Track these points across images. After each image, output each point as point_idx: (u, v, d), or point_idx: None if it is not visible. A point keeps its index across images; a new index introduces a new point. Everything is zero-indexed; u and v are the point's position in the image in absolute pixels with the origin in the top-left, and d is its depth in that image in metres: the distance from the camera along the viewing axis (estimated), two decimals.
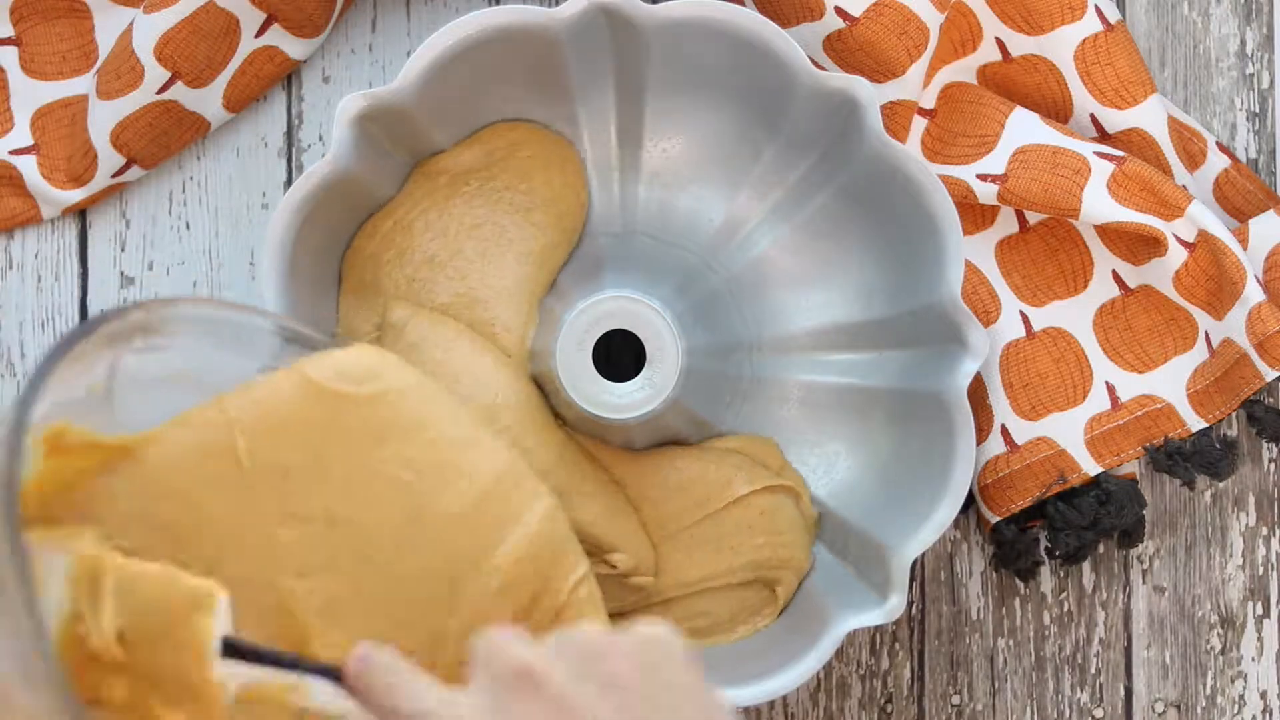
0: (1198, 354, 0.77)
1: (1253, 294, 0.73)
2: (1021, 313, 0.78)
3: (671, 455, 0.75)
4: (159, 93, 0.76)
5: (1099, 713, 0.80)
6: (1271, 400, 0.79)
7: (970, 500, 0.78)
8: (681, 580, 0.75)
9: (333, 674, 0.52)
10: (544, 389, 0.74)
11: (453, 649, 0.59)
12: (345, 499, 0.58)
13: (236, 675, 0.53)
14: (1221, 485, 0.80)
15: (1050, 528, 0.77)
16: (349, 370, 0.60)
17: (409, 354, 0.72)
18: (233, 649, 0.53)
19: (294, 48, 0.78)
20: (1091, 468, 0.77)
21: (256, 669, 0.53)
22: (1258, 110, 0.80)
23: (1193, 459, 0.77)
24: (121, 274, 0.80)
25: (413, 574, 0.58)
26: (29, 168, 0.78)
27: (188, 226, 0.80)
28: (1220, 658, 0.80)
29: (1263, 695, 0.79)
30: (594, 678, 0.50)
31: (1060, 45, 0.76)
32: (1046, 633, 0.80)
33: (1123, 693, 0.80)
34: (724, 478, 0.75)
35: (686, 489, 0.75)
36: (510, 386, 0.73)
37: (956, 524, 0.80)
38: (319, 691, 0.54)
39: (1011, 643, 0.80)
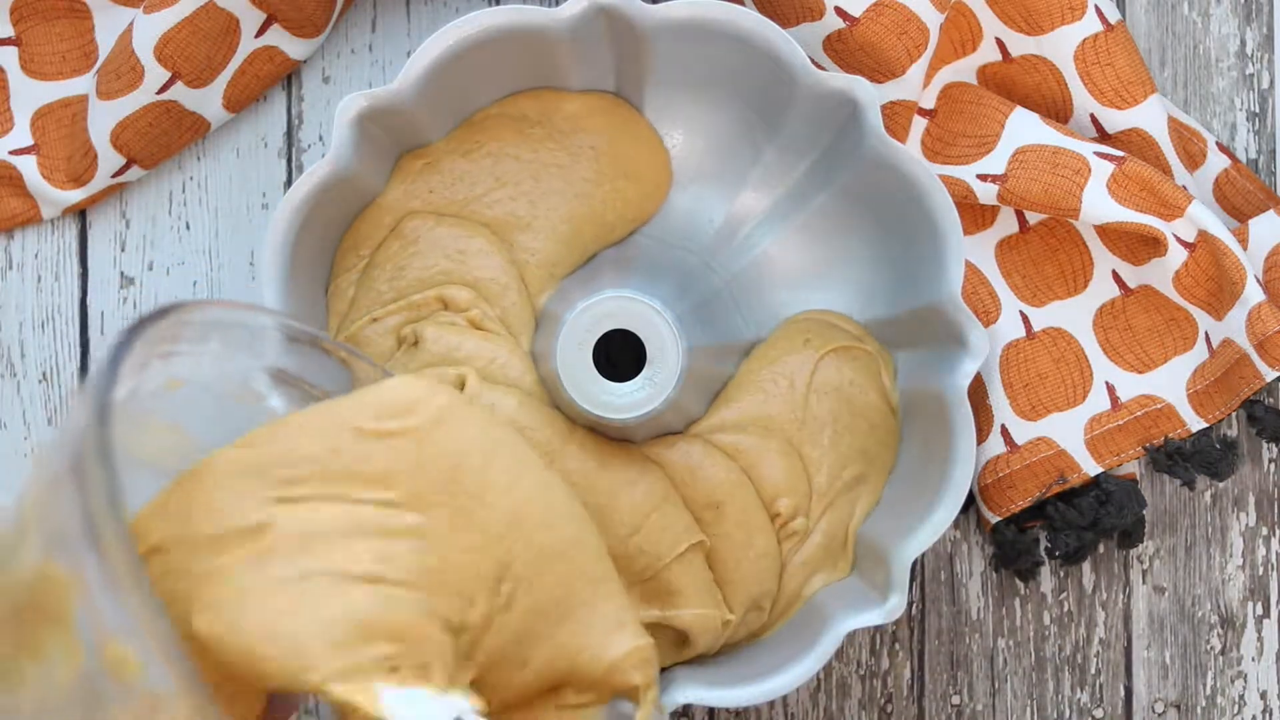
0: (1198, 354, 0.77)
1: (1253, 294, 0.73)
2: (1021, 313, 0.78)
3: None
4: (159, 93, 0.76)
5: (1099, 713, 0.80)
6: (1271, 400, 0.79)
7: (970, 500, 0.78)
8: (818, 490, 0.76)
9: None
10: (545, 389, 0.74)
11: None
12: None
13: None
14: (1221, 485, 0.80)
15: (1050, 528, 0.77)
16: (389, 407, 0.60)
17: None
18: None
19: (294, 48, 0.78)
20: (1091, 468, 0.77)
21: None
22: (1258, 110, 0.80)
23: (1193, 459, 0.77)
24: (121, 274, 0.80)
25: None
26: (29, 168, 0.78)
27: (188, 226, 0.80)
28: (1220, 658, 0.80)
29: (1263, 695, 0.79)
30: None
31: (1060, 45, 0.76)
32: (1046, 633, 0.80)
33: (1123, 693, 0.80)
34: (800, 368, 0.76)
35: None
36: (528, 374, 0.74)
37: (956, 524, 0.80)
38: None
39: (1011, 643, 0.80)
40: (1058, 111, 0.77)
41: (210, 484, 0.56)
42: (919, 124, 0.77)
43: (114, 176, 0.78)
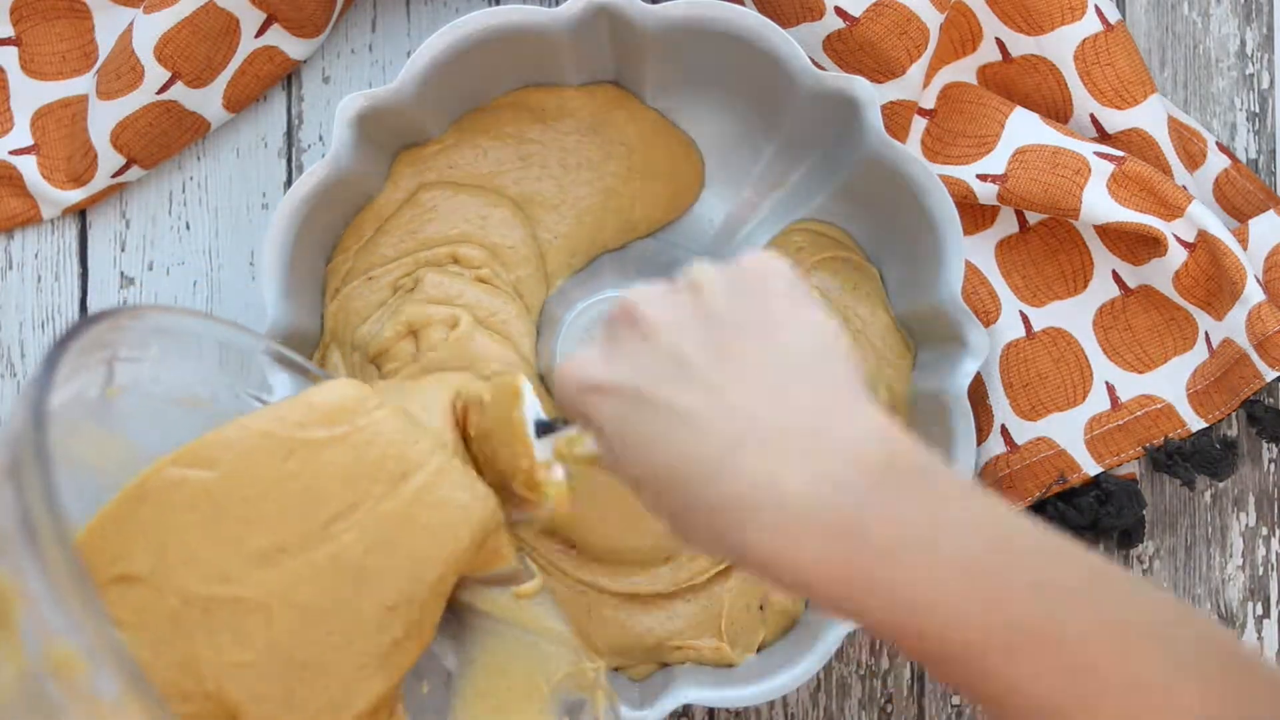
0: (1198, 354, 0.77)
1: (1253, 294, 0.73)
2: (1021, 313, 0.78)
3: None
4: (159, 93, 0.76)
5: None
6: (1271, 400, 0.79)
7: None
8: None
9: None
10: (546, 389, 0.74)
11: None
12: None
13: (547, 446, 0.61)
14: (1221, 485, 0.80)
15: None
16: (320, 412, 0.61)
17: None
18: (541, 427, 0.61)
19: (294, 48, 0.78)
20: (1091, 468, 0.77)
21: (557, 433, 0.61)
22: (1258, 110, 0.80)
23: (1193, 459, 0.77)
24: (121, 274, 0.80)
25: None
26: (29, 168, 0.78)
27: (188, 226, 0.80)
28: None
29: None
30: (743, 292, 0.52)
31: (1060, 45, 0.76)
32: None
33: None
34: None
35: None
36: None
37: None
38: (588, 440, 0.59)
39: None
40: (1058, 111, 0.77)
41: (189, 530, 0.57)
42: (919, 124, 0.77)
43: (114, 176, 0.78)
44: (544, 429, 0.61)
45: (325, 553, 0.59)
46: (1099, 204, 0.74)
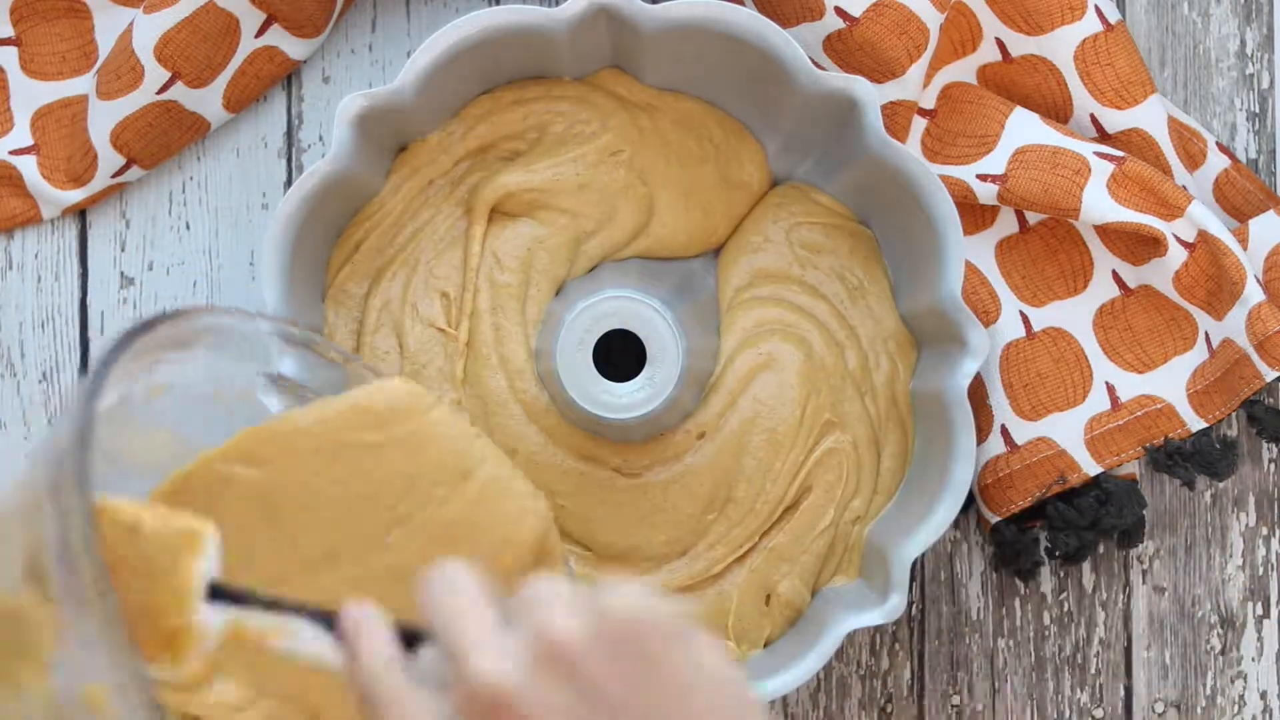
0: (1198, 354, 0.77)
1: (1253, 294, 0.73)
2: (1021, 313, 0.78)
3: None
4: (159, 93, 0.76)
5: (1099, 713, 0.80)
6: (1271, 400, 0.79)
7: (970, 500, 0.78)
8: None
9: (325, 620, 0.51)
10: (545, 388, 0.74)
11: None
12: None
13: (220, 618, 0.52)
14: (1221, 485, 0.80)
15: (1050, 528, 0.77)
16: (371, 411, 0.60)
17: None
18: (221, 593, 0.52)
19: (294, 48, 0.78)
20: (1091, 468, 0.77)
21: (247, 612, 0.52)
22: (1258, 110, 0.80)
23: (1193, 459, 0.77)
24: (121, 274, 0.80)
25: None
26: (29, 168, 0.78)
27: (188, 226, 0.80)
28: (1220, 658, 0.80)
29: (1263, 695, 0.79)
30: (630, 658, 0.46)
31: (1060, 45, 0.76)
32: (1046, 633, 0.80)
33: (1123, 693, 0.80)
34: None
35: None
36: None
37: (956, 524, 0.80)
38: (305, 634, 0.52)
39: (1011, 643, 0.80)
40: (1058, 111, 0.77)
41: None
42: (919, 124, 0.77)
43: (114, 176, 0.78)
44: (222, 596, 0.52)
45: (383, 562, 0.57)
46: (1099, 204, 0.74)
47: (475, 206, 0.74)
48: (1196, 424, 0.77)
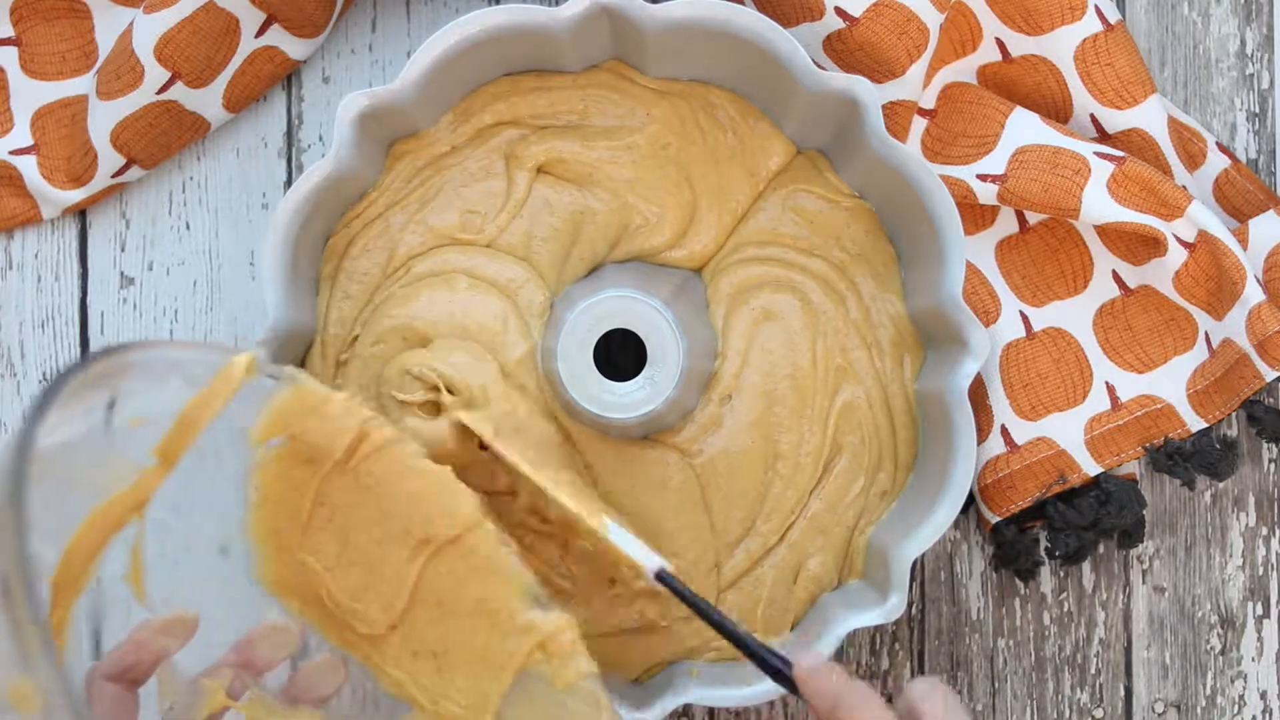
0: (1198, 354, 0.77)
1: (1253, 294, 0.73)
2: (1021, 313, 0.78)
3: None
4: (159, 93, 0.76)
5: (1099, 713, 0.80)
6: (1271, 400, 0.79)
7: (970, 500, 0.78)
8: None
9: (777, 666, 0.61)
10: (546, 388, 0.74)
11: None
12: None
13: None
14: (1221, 485, 0.80)
15: (1050, 528, 0.77)
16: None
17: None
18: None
19: (294, 48, 0.78)
20: (1091, 468, 0.77)
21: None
22: (1258, 110, 0.80)
23: (1193, 459, 0.77)
24: (121, 274, 0.80)
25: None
26: (29, 168, 0.78)
27: (188, 226, 0.80)
28: (1220, 658, 0.80)
29: (1263, 695, 0.80)
30: None
31: (1060, 45, 0.76)
32: (1046, 633, 0.80)
33: (1123, 693, 0.80)
34: None
35: None
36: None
37: (956, 524, 0.80)
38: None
39: (1011, 643, 0.80)
40: (1058, 111, 0.77)
41: None
42: (919, 124, 0.77)
43: (114, 176, 0.78)
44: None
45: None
46: (1099, 204, 0.74)
47: (522, 156, 0.74)
48: (1196, 424, 0.77)
